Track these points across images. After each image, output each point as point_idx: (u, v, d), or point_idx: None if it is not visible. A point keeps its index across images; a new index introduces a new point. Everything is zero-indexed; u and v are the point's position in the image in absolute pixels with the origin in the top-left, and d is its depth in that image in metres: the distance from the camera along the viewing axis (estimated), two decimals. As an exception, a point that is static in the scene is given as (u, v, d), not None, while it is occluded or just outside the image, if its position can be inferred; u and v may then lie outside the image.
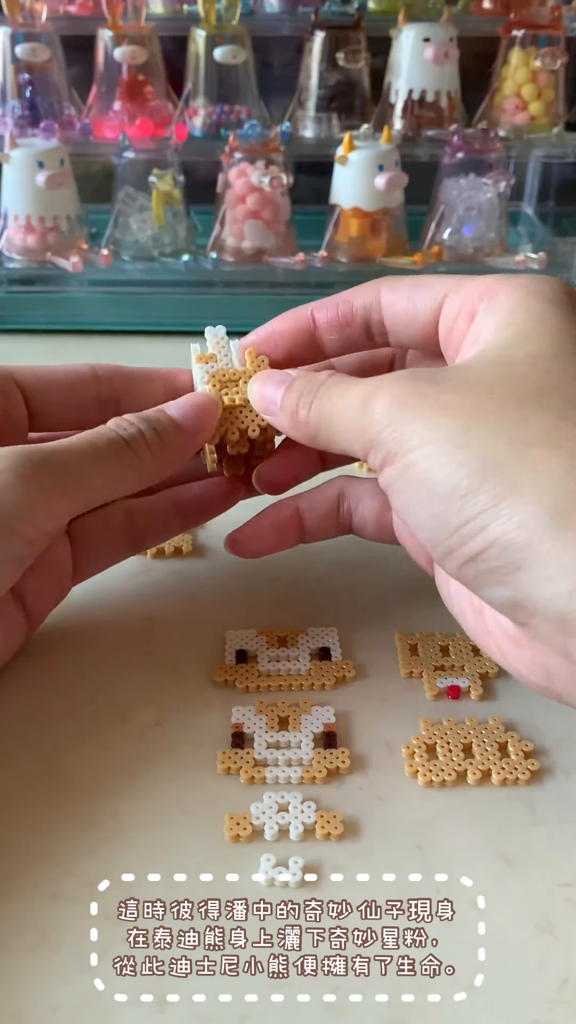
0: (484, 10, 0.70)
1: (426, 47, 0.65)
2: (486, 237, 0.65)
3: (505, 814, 0.30)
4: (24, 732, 0.33)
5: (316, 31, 0.66)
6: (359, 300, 0.33)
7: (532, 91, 0.66)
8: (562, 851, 0.29)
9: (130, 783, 0.31)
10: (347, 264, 0.65)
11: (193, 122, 0.67)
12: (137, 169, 0.63)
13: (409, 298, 0.32)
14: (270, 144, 0.62)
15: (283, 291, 0.64)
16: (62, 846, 0.29)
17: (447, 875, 0.28)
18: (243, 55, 0.65)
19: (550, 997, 0.25)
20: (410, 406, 0.27)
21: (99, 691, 0.35)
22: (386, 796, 0.31)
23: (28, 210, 0.62)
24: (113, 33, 0.64)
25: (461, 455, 0.26)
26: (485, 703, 0.34)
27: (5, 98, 0.66)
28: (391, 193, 0.63)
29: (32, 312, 0.63)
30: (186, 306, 0.64)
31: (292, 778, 0.31)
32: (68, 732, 0.33)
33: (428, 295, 0.32)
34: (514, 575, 0.25)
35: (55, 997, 0.25)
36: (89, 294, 0.64)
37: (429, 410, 0.27)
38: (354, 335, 0.34)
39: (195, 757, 0.32)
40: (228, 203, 0.63)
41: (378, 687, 0.35)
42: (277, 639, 0.37)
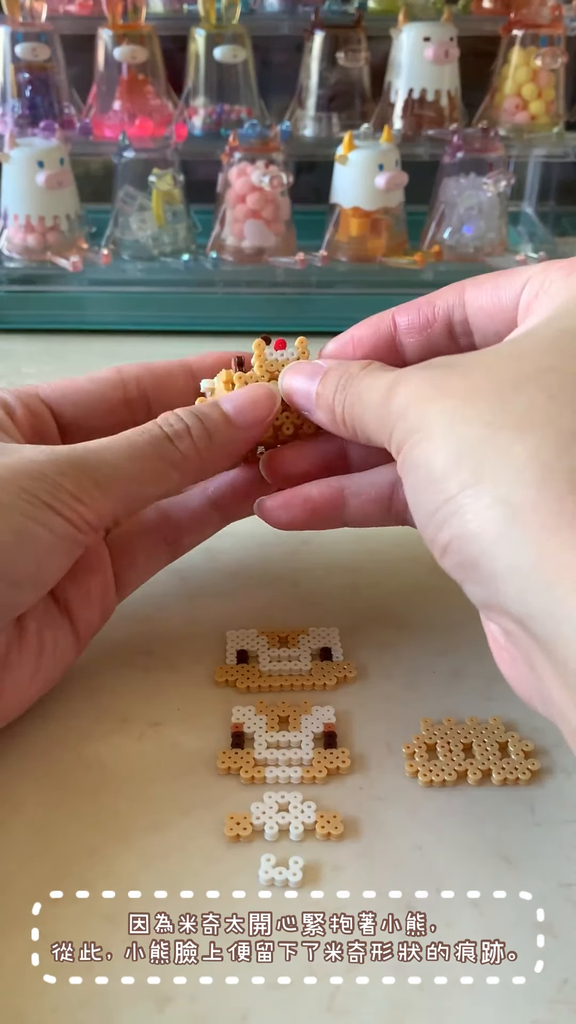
0: (484, 9, 0.70)
1: (426, 46, 0.65)
2: (486, 237, 0.65)
3: (505, 814, 0.30)
4: (24, 732, 0.33)
5: (316, 31, 0.66)
6: (441, 300, 0.32)
7: (532, 90, 0.66)
8: (562, 851, 0.29)
9: (130, 783, 0.31)
10: (347, 263, 0.65)
11: (193, 121, 0.67)
12: (137, 169, 0.63)
13: (494, 290, 0.30)
14: (270, 144, 0.62)
15: (283, 291, 0.64)
16: (62, 846, 0.29)
17: (447, 875, 0.28)
18: (243, 55, 0.65)
19: (550, 997, 0.25)
20: (424, 396, 0.26)
21: (99, 691, 0.35)
22: (386, 796, 0.31)
23: (28, 210, 0.62)
24: (113, 32, 0.64)
25: (440, 440, 0.24)
26: (485, 703, 0.34)
27: (5, 98, 0.66)
28: (391, 192, 0.63)
29: (32, 312, 0.63)
30: (186, 306, 0.64)
31: (292, 778, 0.31)
32: (68, 732, 0.33)
33: (513, 283, 0.30)
34: (476, 571, 0.23)
35: (55, 997, 0.25)
36: (89, 294, 0.64)
37: (432, 393, 0.26)
38: (436, 337, 0.33)
39: (195, 757, 0.32)
40: (228, 203, 0.63)
41: (378, 687, 0.35)
42: (278, 639, 0.37)
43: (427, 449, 0.25)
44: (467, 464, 0.23)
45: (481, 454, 0.23)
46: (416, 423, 0.26)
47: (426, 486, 0.25)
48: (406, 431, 0.26)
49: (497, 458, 0.23)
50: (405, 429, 0.26)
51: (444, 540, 0.24)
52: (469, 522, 0.23)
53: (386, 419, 0.27)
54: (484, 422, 0.24)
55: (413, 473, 0.26)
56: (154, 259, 0.65)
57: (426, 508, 0.25)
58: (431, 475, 0.24)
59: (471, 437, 0.24)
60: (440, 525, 0.24)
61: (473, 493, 0.23)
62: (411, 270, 0.64)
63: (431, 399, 0.26)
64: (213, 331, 0.63)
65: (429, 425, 0.25)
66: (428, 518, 0.25)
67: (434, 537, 0.25)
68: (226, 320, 0.64)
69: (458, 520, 0.23)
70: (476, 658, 0.36)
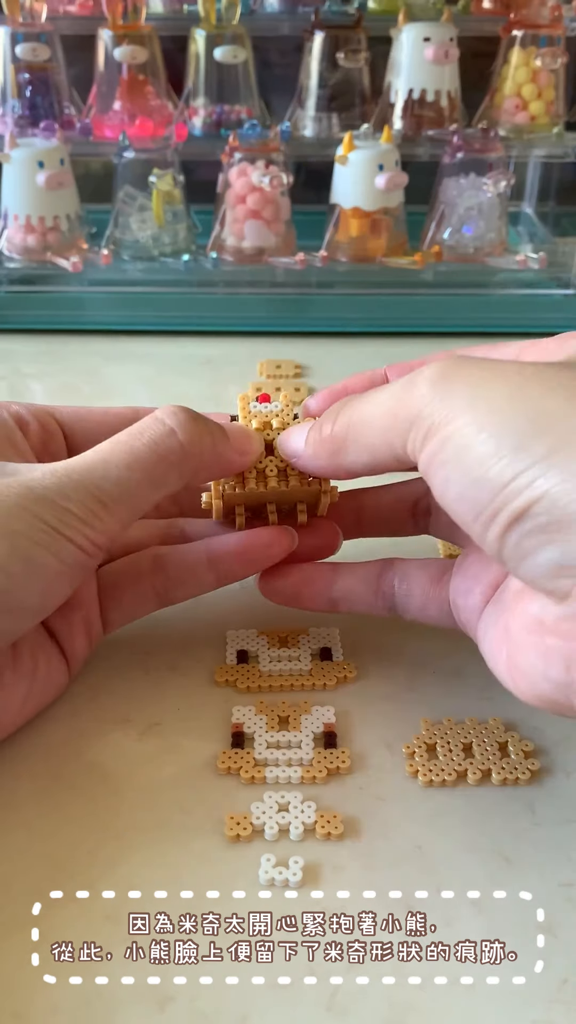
0: (484, 10, 0.70)
1: (426, 47, 0.65)
2: (486, 237, 0.65)
3: (505, 814, 0.30)
4: (24, 732, 0.33)
5: (316, 31, 0.66)
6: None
7: (532, 91, 0.66)
8: (562, 851, 0.29)
9: (130, 783, 0.31)
10: (347, 264, 0.65)
11: (193, 122, 0.67)
12: (137, 169, 0.63)
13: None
14: (270, 144, 0.62)
15: (283, 291, 0.64)
16: (62, 846, 0.29)
17: (447, 875, 0.28)
18: (243, 55, 0.65)
19: (550, 997, 0.25)
20: (458, 378, 0.26)
21: (99, 691, 0.35)
22: (386, 796, 0.31)
23: (28, 210, 0.62)
24: (113, 33, 0.64)
25: (510, 412, 0.25)
26: (485, 703, 0.34)
27: (5, 98, 0.66)
28: (391, 193, 0.63)
29: (32, 312, 0.63)
30: (186, 306, 0.64)
31: (292, 778, 0.31)
32: (68, 732, 0.33)
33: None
34: (562, 533, 0.24)
35: (55, 998, 0.25)
36: (89, 294, 0.64)
37: (477, 377, 0.26)
38: None
39: (195, 757, 0.32)
40: (228, 203, 0.63)
41: (378, 687, 0.35)
42: (278, 639, 0.37)
43: (489, 424, 0.25)
44: (551, 432, 0.24)
45: (570, 423, 0.24)
46: (460, 404, 0.26)
47: (489, 461, 0.25)
48: (443, 414, 0.26)
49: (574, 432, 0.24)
50: (441, 412, 0.26)
51: (519, 507, 0.24)
52: (561, 484, 0.23)
53: (408, 406, 0.27)
54: (563, 396, 0.24)
55: (459, 456, 0.25)
56: (154, 259, 0.65)
57: (489, 483, 0.25)
58: (498, 447, 0.24)
59: (552, 407, 0.24)
60: (515, 493, 0.24)
61: (564, 458, 0.24)
62: (411, 270, 0.64)
63: (474, 383, 0.26)
64: (213, 331, 0.63)
65: (483, 404, 0.25)
66: (494, 491, 0.25)
67: (501, 508, 0.25)
68: (226, 320, 0.64)
69: (546, 483, 0.24)
70: (476, 658, 0.35)
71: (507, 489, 0.24)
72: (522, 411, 0.25)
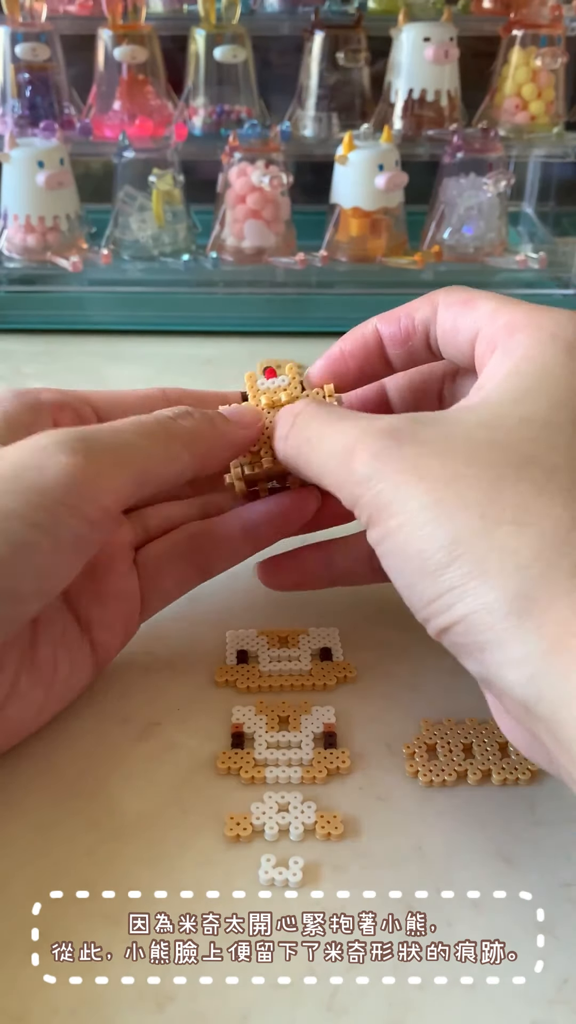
0: (484, 10, 0.70)
1: (426, 47, 0.65)
2: (486, 237, 0.66)
3: (505, 814, 0.30)
4: (24, 732, 0.33)
5: (316, 31, 0.66)
6: (419, 313, 0.33)
7: (532, 91, 0.66)
8: (562, 851, 0.29)
9: (130, 783, 0.31)
10: (347, 264, 0.65)
11: (193, 122, 0.67)
12: (137, 169, 0.63)
13: (455, 320, 0.31)
14: (270, 144, 0.62)
15: (283, 291, 0.64)
16: (62, 846, 0.29)
17: (447, 875, 0.28)
18: (243, 55, 0.65)
19: (550, 997, 0.25)
20: (390, 470, 0.26)
21: (99, 691, 0.35)
22: (386, 796, 0.31)
23: (28, 210, 0.62)
24: (113, 33, 0.64)
25: (431, 529, 0.25)
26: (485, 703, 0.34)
27: (5, 98, 0.66)
28: (391, 193, 0.63)
29: (32, 312, 0.63)
30: (186, 306, 0.64)
31: (292, 778, 0.31)
32: (68, 732, 0.33)
33: (469, 321, 0.31)
34: (481, 655, 0.24)
35: (55, 998, 0.25)
36: (89, 294, 0.64)
37: (407, 476, 0.26)
38: (417, 349, 0.33)
39: (195, 757, 0.32)
40: (228, 203, 0.63)
41: (378, 687, 0.35)
42: (278, 639, 0.37)
43: (416, 537, 0.25)
44: (467, 556, 0.24)
45: (483, 547, 0.24)
46: (392, 504, 0.26)
47: (420, 574, 0.25)
48: (378, 508, 0.26)
49: (500, 552, 0.24)
50: (376, 505, 0.27)
51: (444, 623, 0.25)
52: (476, 611, 0.24)
53: (347, 482, 0.28)
54: (478, 514, 0.25)
55: (399, 558, 0.26)
56: (154, 259, 0.65)
57: (423, 595, 0.26)
58: (426, 565, 0.25)
59: (467, 529, 0.25)
60: (440, 610, 0.25)
61: (477, 585, 0.24)
62: (411, 270, 0.64)
63: (407, 482, 0.26)
64: (213, 331, 0.63)
65: (410, 511, 0.26)
66: (423, 602, 0.26)
67: (430, 619, 0.26)
68: (226, 320, 0.64)
69: (463, 607, 0.24)
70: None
71: (433, 605, 0.25)
72: (443, 531, 0.25)
